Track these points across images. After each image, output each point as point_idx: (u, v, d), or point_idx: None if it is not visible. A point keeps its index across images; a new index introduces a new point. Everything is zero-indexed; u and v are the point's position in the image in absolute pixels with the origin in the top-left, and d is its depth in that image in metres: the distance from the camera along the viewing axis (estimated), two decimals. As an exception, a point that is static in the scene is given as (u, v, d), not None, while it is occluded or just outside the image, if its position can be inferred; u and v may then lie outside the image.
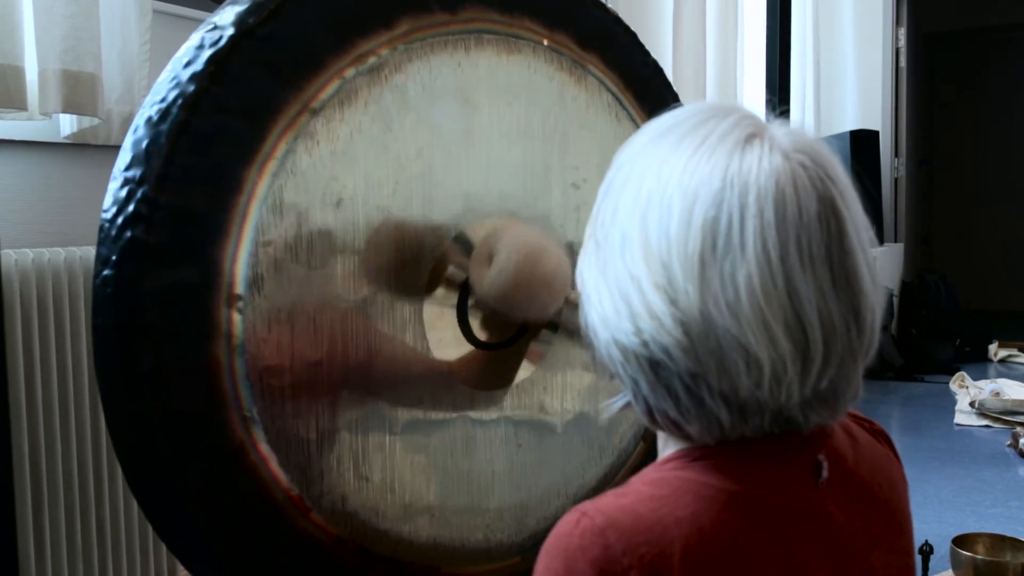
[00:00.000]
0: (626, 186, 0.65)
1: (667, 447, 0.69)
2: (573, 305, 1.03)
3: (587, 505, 0.62)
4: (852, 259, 0.60)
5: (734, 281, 0.58)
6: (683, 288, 0.59)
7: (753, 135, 0.62)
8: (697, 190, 0.60)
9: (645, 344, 0.61)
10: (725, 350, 0.59)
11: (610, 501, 0.62)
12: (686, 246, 0.59)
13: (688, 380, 0.61)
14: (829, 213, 0.60)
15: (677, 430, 0.65)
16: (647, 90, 1.31)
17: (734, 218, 0.58)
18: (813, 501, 0.65)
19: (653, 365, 0.62)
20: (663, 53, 3.11)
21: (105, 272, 0.92)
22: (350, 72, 1.02)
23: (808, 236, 0.59)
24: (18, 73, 1.36)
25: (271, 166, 0.97)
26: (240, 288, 0.96)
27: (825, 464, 0.66)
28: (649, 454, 1.33)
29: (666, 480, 0.64)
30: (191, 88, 0.92)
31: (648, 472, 0.66)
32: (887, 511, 0.71)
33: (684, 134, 0.64)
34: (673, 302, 0.59)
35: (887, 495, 0.72)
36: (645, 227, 0.62)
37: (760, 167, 0.59)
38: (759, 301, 0.58)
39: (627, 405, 0.68)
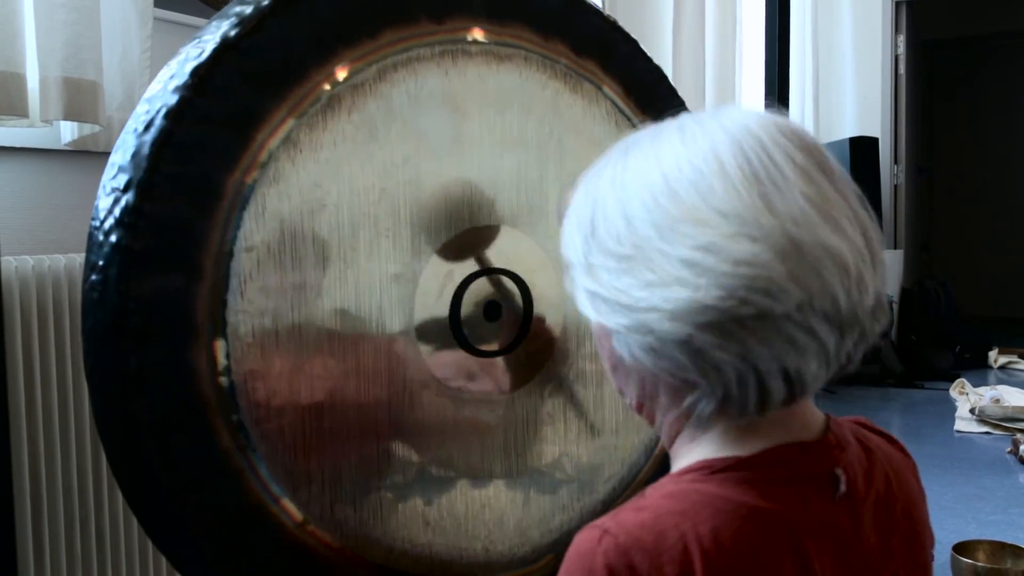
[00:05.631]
0: (624, 196, 0.64)
1: (682, 458, 0.69)
2: None
3: (607, 522, 0.62)
4: (842, 172, 0.66)
5: (795, 200, 0.60)
6: (757, 223, 0.59)
7: (716, 113, 0.67)
8: (714, 150, 0.62)
9: (744, 301, 0.58)
10: (820, 260, 0.59)
11: (630, 517, 0.62)
12: (739, 192, 0.60)
13: (797, 316, 0.59)
14: (812, 138, 0.66)
15: (787, 389, 0.62)
16: (650, 97, 1.30)
17: (762, 155, 0.62)
18: (830, 515, 0.65)
19: (759, 318, 0.59)
20: (663, 62, 3.12)
21: (93, 277, 0.94)
22: (334, 82, 1.03)
23: (811, 151, 0.64)
24: (19, 80, 1.36)
25: (254, 174, 0.98)
26: (224, 293, 0.97)
27: (843, 477, 0.66)
28: (660, 470, 1.32)
29: (685, 493, 0.63)
30: (174, 99, 0.94)
31: (665, 484, 0.66)
32: (904, 525, 0.71)
33: (651, 139, 0.66)
34: (755, 240, 0.59)
35: (904, 507, 0.71)
36: (680, 204, 0.61)
37: (750, 117, 0.65)
38: (823, 207, 0.61)
39: (712, 412, 0.64)
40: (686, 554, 0.59)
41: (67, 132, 1.56)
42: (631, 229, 0.63)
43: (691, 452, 0.68)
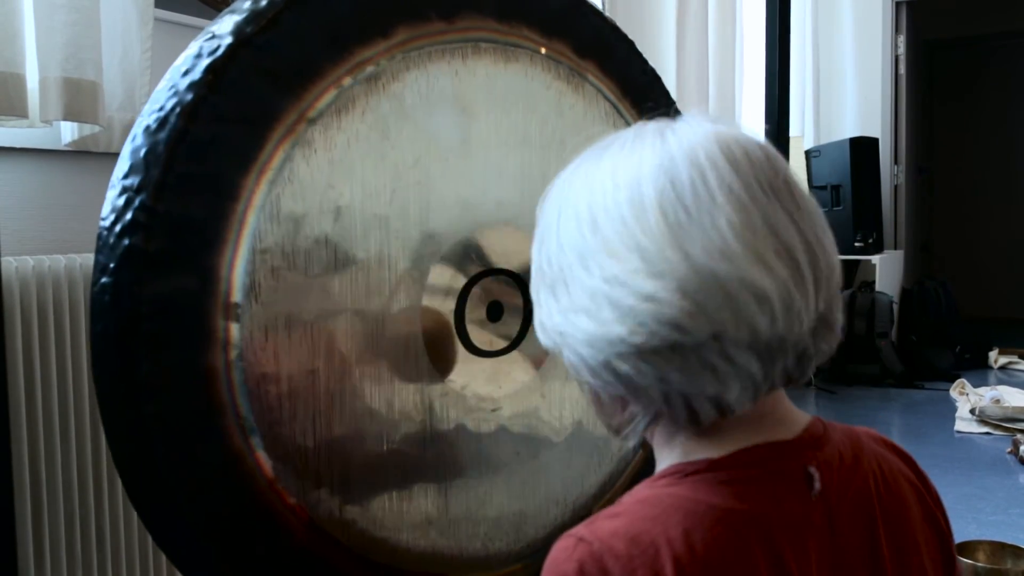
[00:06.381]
0: (561, 218, 0.66)
1: (662, 461, 0.69)
2: None
3: (582, 530, 0.62)
4: (799, 188, 0.65)
5: (717, 228, 0.59)
6: (663, 258, 0.59)
7: (666, 126, 0.66)
8: (638, 176, 0.63)
9: (653, 333, 0.59)
10: (733, 296, 0.59)
11: (604, 525, 0.62)
12: (648, 223, 0.61)
13: (712, 345, 0.60)
14: (768, 154, 0.65)
15: (715, 409, 0.63)
16: (645, 98, 1.31)
17: (694, 178, 0.61)
18: (805, 514, 0.65)
19: (673, 347, 0.60)
20: (667, 63, 3.12)
21: (103, 280, 0.92)
22: (348, 80, 1.02)
23: (763, 173, 0.62)
24: (19, 81, 1.36)
25: (268, 174, 0.97)
26: (237, 296, 0.96)
27: (817, 476, 0.66)
28: (648, 462, 1.33)
29: (658, 498, 0.64)
30: (189, 97, 0.92)
31: (640, 490, 0.66)
32: (890, 524, 0.70)
33: (599, 152, 0.67)
34: (659, 276, 0.59)
35: (891, 507, 0.70)
36: (599, 233, 0.63)
37: (695, 135, 0.63)
38: (746, 237, 0.60)
39: (649, 424, 0.67)
40: (657, 559, 0.59)
41: (67, 132, 1.56)
42: (561, 254, 0.66)
43: (670, 454, 0.68)
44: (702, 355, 0.60)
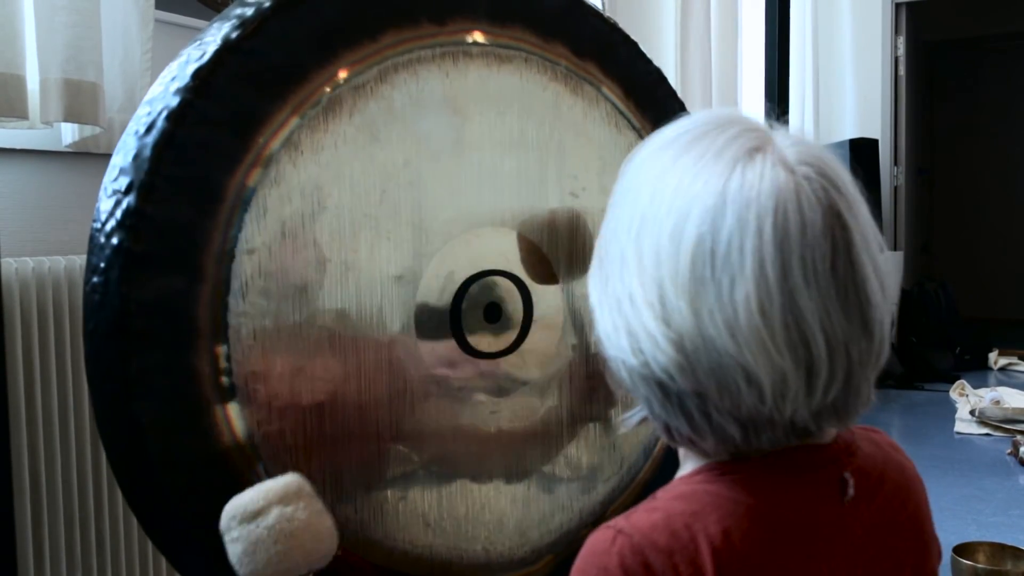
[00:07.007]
0: (624, 202, 0.65)
1: (689, 459, 0.69)
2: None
3: (621, 523, 0.63)
4: (860, 270, 0.59)
5: (732, 299, 0.57)
6: (676, 307, 0.58)
7: (755, 149, 0.60)
8: (690, 208, 0.59)
9: (646, 364, 0.60)
10: (724, 368, 0.58)
11: (643, 518, 0.63)
12: (677, 264, 0.59)
13: (693, 398, 0.60)
14: (835, 225, 0.59)
15: (693, 446, 0.65)
16: (650, 99, 1.31)
17: (733, 236, 0.57)
18: (839, 518, 0.66)
19: (659, 384, 0.61)
20: (668, 65, 3.12)
21: (94, 279, 0.94)
22: (335, 84, 1.03)
23: (812, 251, 0.57)
24: (19, 82, 1.36)
25: (255, 176, 0.98)
26: (225, 296, 0.97)
27: (851, 481, 0.67)
28: (659, 470, 1.32)
29: (696, 494, 0.64)
30: (176, 101, 0.94)
31: (676, 486, 0.66)
32: (910, 530, 0.71)
33: (683, 148, 0.63)
34: (666, 322, 0.59)
35: (912, 516, 0.72)
36: (639, 246, 0.61)
37: (761, 184, 0.58)
38: (756, 319, 0.57)
39: (644, 420, 0.68)
40: (698, 554, 0.60)
41: (68, 134, 1.56)
42: (612, 238, 0.65)
43: (704, 453, 0.68)
44: (684, 403, 0.61)
